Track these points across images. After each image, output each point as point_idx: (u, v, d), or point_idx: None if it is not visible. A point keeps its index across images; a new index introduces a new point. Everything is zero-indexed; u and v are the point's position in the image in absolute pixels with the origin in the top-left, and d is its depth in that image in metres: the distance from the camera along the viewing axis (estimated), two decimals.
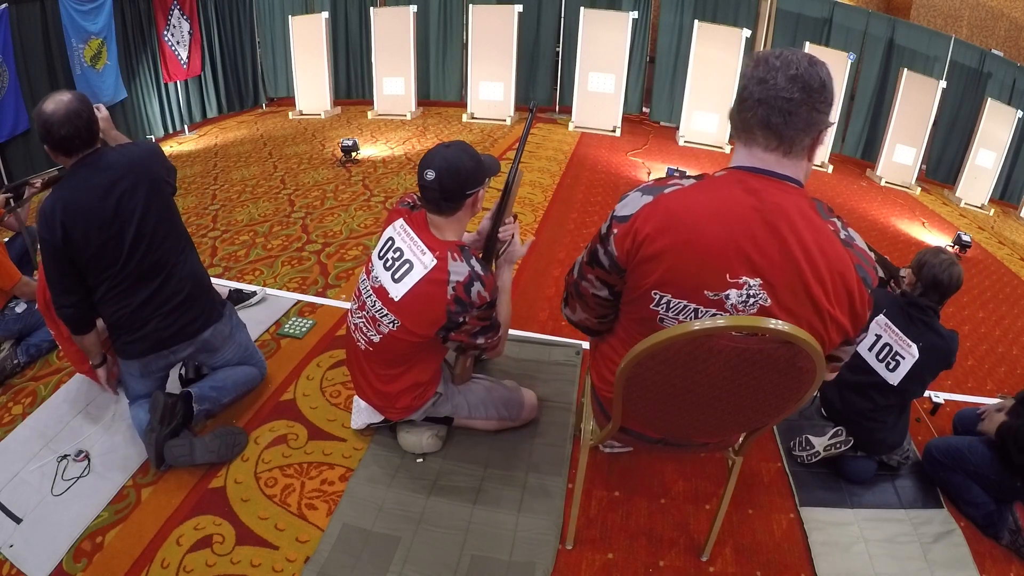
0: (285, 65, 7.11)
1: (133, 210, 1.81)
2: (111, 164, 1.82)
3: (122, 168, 1.83)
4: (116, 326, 1.93)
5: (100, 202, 1.77)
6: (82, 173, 1.79)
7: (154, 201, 1.86)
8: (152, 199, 1.85)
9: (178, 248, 1.96)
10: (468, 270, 1.67)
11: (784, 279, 1.14)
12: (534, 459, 2.03)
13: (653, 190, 1.22)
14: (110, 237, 1.79)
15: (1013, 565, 1.83)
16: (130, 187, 1.81)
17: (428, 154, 1.70)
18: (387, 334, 1.77)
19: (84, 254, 1.78)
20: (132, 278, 1.86)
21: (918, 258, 2.08)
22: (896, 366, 1.96)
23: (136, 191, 1.82)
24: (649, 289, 1.21)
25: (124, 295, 1.87)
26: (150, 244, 1.86)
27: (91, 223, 1.76)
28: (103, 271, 1.83)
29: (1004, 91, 6.54)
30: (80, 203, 1.75)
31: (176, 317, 1.95)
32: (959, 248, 4.60)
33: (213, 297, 2.10)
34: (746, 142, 1.19)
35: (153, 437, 1.87)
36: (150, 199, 1.85)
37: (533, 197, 4.50)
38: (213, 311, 2.08)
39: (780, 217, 1.13)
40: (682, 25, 6.75)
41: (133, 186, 1.82)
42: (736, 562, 1.75)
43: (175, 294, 1.94)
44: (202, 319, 2.03)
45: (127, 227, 1.81)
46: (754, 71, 1.14)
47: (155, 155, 1.96)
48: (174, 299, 1.94)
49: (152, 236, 1.86)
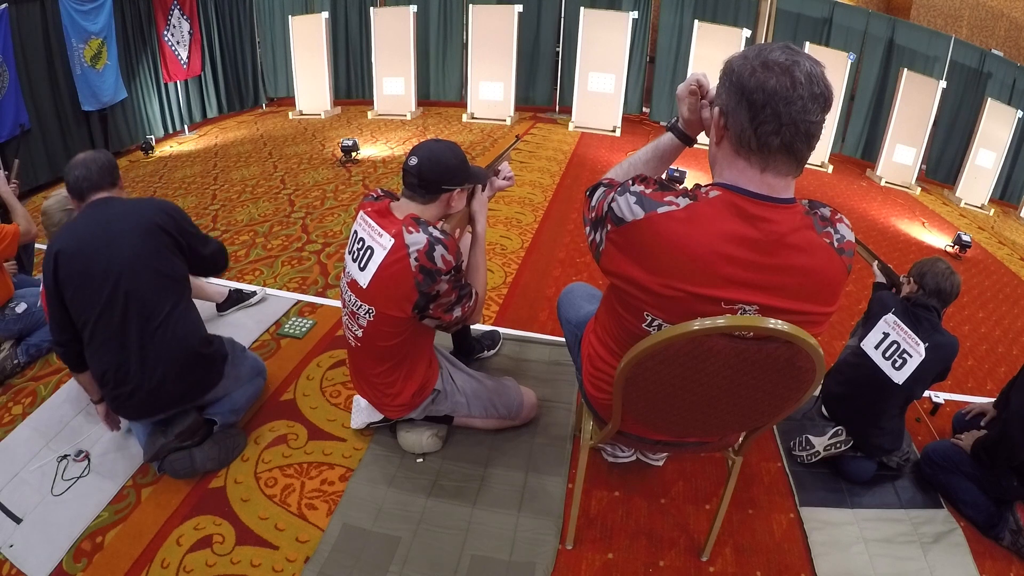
0: (285, 65, 7.12)
1: (117, 257, 1.73)
2: (113, 211, 1.81)
3: (120, 216, 1.79)
4: (102, 379, 1.81)
5: (87, 244, 1.73)
6: (85, 215, 1.82)
7: (144, 252, 1.76)
8: (142, 250, 1.76)
9: (172, 304, 1.80)
10: (426, 237, 1.65)
11: (779, 302, 1.13)
12: (534, 459, 2.03)
13: (646, 203, 1.13)
14: (89, 279, 1.72)
15: (1013, 565, 1.83)
16: (119, 234, 1.75)
17: (418, 144, 1.76)
18: (367, 326, 1.77)
19: (67, 294, 1.74)
20: (113, 328, 1.74)
21: (918, 267, 2.10)
22: (903, 364, 1.96)
23: (125, 238, 1.75)
24: (641, 310, 1.20)
25: (107, 344, 1.76)
26: (133, 295, 1.73)
27: (74, 263, 1.72)
28: (82, 313, 1.75)
29: (1004, 91, 6.54)
30: (70, 243, 1.74)
31: (171, 386, 1.81)
32: (959, 248, 4.59)
33: (214, 357, 1.93)
34: (756, 163, 1.09)
35: (159, 444, 1.84)
36: (140, 249, 1.76)
37: (533, 197, 4.50)
38: (211, 374, 1.92)
39: (779, 248, 1.10)
40: (682, 25, 6.76)
41: (123, 233, 1.76)
42: (736, 562, 1.75)
43: (165, 355, 1.78)
44: (199, 388, 1.91)
45: (109, 273, 1.71)
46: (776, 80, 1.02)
47: (162, 209, 1.86)
48: (163, 362, 1.78)
49: (137, 287, 1.74)
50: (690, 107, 1.32)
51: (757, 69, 1.04)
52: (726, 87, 1.10)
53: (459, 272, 1.74)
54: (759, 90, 1.03)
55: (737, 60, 1.09)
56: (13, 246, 2.41)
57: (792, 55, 1.04)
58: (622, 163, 1.45)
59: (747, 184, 1.10)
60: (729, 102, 1.09)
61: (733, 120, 1.09)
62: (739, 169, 1.12)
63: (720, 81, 1.13)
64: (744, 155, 1.10)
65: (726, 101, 1.10)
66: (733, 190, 1.11)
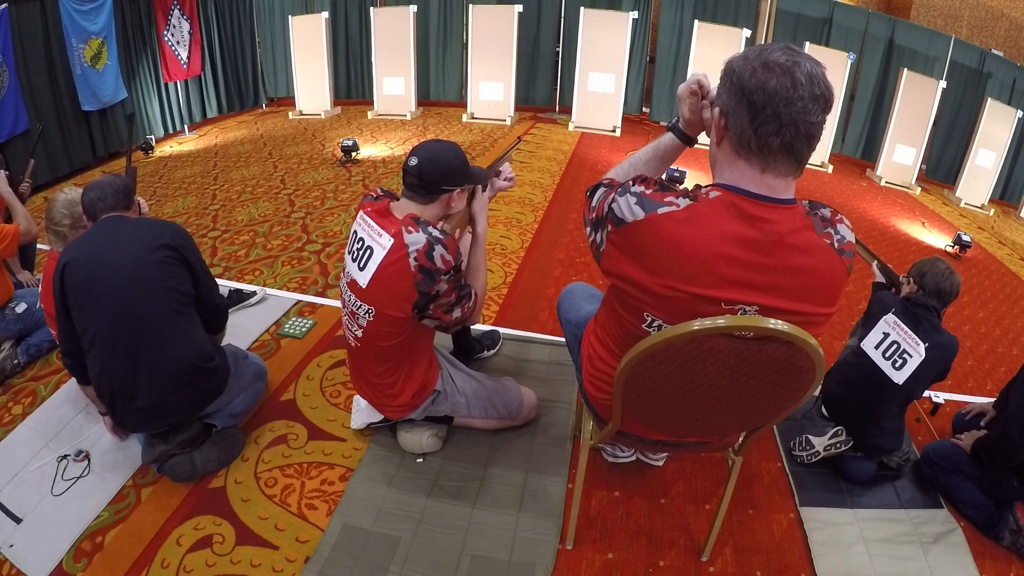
0: (285, 65, 7.12)
1: (121, 270, 1.72)
2: (122, 226, 1.82)
3: (129, 230, 1.80)
4: (100, 390, 1.80)
5: (93, 257, 1.74)
6: (95, 230, 1.83)
7: (149, 265, 1.75)
8: (147, 263, 1.75)
9: (174, 318, 1.78)
10: (425, 237, 1.65)
11: (779, 303, 1.13)
12: (534, 459, 2.03)
13: (647, 204, 1.13)
14: (93, 291, 1.72)
15: (1013, 565, 1.83)
16: (126, 247, 1.75)
17: (418, 144, 1.76)
18: (366, 326, 1.77)
19: (71, 305, 1.75)
20: (113, 340, 1.73)
21: (918, 268, 2.10)
22: (903, 364, 1.96)
23: (131, 251, 1.75)
24: (641, 310, 1.20)
25: (107, 356, 1.74)
26: (135, 308, 1.72)
27: (79, 274, 1.72)
28: (85, 324, 1.74)
29: (1004, 91, 6.54)
30: (78, 255, 1.75)
31: (172, 400, 1.80)
32: (959, 248, 4.59)
33: (216, 371, 1.90)
34: (756, 163, 1.09)
35: (159, 450, 1.84)
36: (145, 262, 1.75)
37: (533, 197, 4.50)
38: (214, 388, 1.91)
39: (779, 248, 1.10)
40: (682, 25, 6.76)
41: (130, 245, 1.76)
42: (736, 562, 1.75)
43: (166, 370, 1.76)
44: (201, 401, 1.90)
45: (112, 285, 1.71)
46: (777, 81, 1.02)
47: (171, 228, 1.86)
48: (164, 376, 1.76)
49: (139, 300, 1.72)
50: (691, 107, 1.32)
51: (758, 70, 1.04)
52: (726, 87, 1.10)
53: (458, 272, 1.74)
54: (759, 91, 1.03)
55: (738, 61, 1.09)
56: (13, 246, 2.42)
57: (793, 56, 1.04)
58: (622, 163, 1.45)
59: (747, 185, 1.11)
60: (729, 102, 1.09)
61: (733, 120, 1.09)
62: (739, 170, 1.12)
63: (720, 81, 1.13)
64: (744, 156, 1.10)
65: (726, 101, 1.10)
66: (733, 191, 1.11)
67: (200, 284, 1.88)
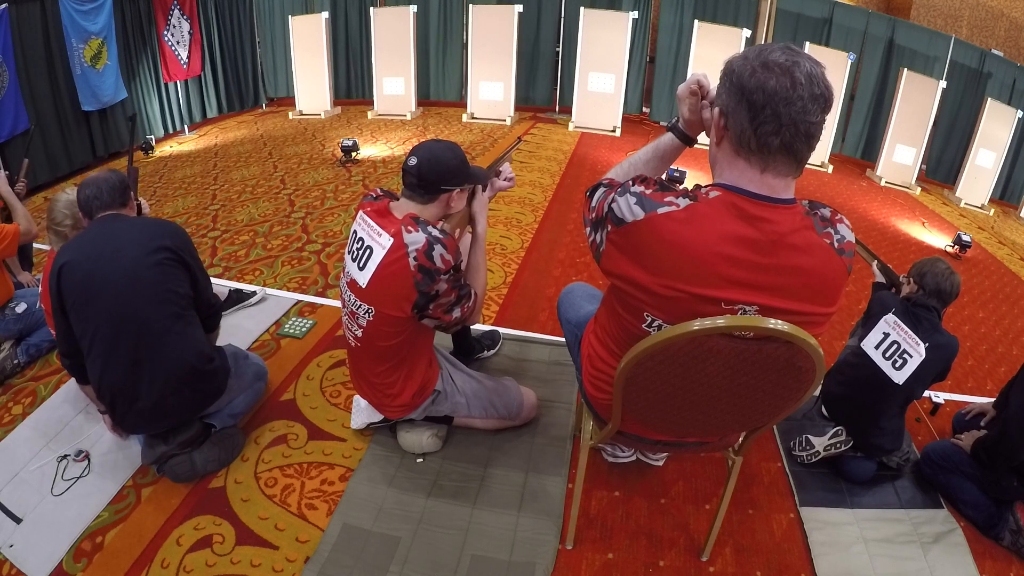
0: (285, 65, 7.12)
1: (118, 270, 1.71)
2: (119, 226, 1.81)
3: (125, 230, 1.79)
4: (99, 392, 1.79)
5: (91, 257, 1.72)
6: (92, 229, 1.82)
7: (146, 266, 1.73)
8: (144, 264, 1.73)
9: (172, 320, 1.76)
10: (425, 236, 1.65)
11: (779, 302, 1.13)
12: (534, 459, 2.03)
13: (647, 204, 1.14)
14: (90, 292, 1.70)
15: (1013, 565, 1.83)
16: (123, 247, 1.74)
17: (418, 144, 1.76)
18: (366, 326, 1.77)
19: (69, 306, 1.74)
20: (111, 341, 1.71)
21: (918, 268, 2.10)
22: (903, 364, 1.96)
23: (128, 251, 1.73)
24: (641, 310, 1.20)
25: (105, 357, 1.73)
26: (133, 308, 1.70)
27: (76, 275, 1.71)
28: (82, 325, 1.73)
29: (1004, 91, 6.54)
30: (75, 256, 1.74)
31: (171, 401, 1.79)
32: (959, 248, 4.59)
33: (216, 373, 1.90)
34: (756, 163, 1.09)
35: (159, 451, 1.84)
36: (142, 263, 1.73)
37: (533, 197, 4.50)
38: (213, 390, 1.90)
39: (779, 248, 1.10)
40: (682, 25, 6.76)
41: (127, 246, 1.74)
42: (736, 562, 1.75)
43: (165, 371, 1.75)
44: (200, 403, 1.89)
45: (109, 285, 1.70)
46: (776, 81, 1.02)
47: (168, 227, 1.86)
48: (163, 378, 1.75)
49: (136, 301, 1.71)
50: (691, 107, 1.32)
51: (757, 70, 1.04)
52: (726, 87, 1.10)
53: (458, 272, 1.74)
54: (759, 90, 1.03)
55: (737, 60, 1.09)
56: (13, 246, 2.41)
57: (792, 56, 1.04)
58: (622, 163, 1.45)
59: (747, 184, 1.11)
60: (729, 102, 1.09)
61: (733, 120, 1.09)
62: (739, 169, 1.12)
63: (720, 81, 1.13)
64: (744, 155, 1.10)
65: (726, 101, 1.10)
66: (733, 190, 1.11)
67: (198, 284, 1.88)
